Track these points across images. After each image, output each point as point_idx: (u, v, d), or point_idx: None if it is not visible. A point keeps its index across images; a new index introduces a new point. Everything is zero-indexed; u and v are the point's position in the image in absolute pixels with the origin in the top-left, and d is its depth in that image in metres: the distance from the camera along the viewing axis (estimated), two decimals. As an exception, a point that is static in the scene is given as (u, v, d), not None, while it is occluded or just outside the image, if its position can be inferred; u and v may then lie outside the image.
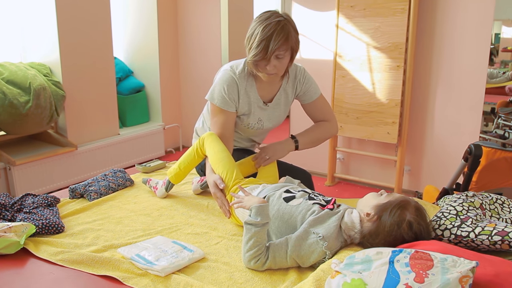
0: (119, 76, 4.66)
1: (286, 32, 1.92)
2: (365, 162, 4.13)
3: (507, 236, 1.46)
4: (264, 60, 1.95)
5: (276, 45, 1.90)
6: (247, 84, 2.13)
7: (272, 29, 1.90)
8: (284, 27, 1.91)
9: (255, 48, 1.93)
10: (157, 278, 1.53)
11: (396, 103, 3.60)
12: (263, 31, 1.90)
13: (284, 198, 1.74)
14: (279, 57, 1.95)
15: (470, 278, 1.14)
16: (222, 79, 2.11)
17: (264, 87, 2.17)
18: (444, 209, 1.70)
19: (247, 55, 2.01)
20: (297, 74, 2.23)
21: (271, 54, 1.92)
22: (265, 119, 2.24)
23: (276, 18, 1.92)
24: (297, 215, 1.66)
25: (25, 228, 1.78)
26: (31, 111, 3.42)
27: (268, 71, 1.99)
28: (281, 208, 1.71)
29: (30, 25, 3.88)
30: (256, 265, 1.56)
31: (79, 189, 2.30)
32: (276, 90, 2.21)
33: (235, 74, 2.10)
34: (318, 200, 1.72)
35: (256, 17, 1.98)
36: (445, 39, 3.51)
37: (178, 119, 5.26)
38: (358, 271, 1.24)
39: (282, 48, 1.93)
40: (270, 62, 1.96)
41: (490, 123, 3.72)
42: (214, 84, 2.15)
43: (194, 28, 4.91)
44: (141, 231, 1.91)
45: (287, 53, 1.97)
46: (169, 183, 2.28)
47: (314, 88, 2.28)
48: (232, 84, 2.09)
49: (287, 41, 1.93)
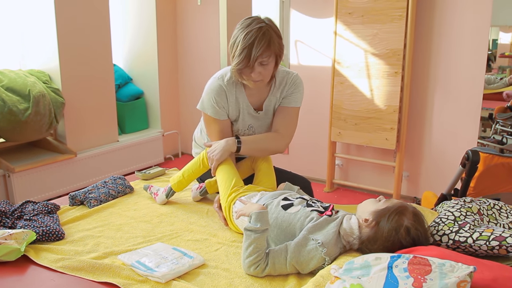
0: (118, 83, 4.67)
1: (268, 38, 1.90)
2: (363, 168, 4.14)
3: (505, 241, 1.47)
4: (248, 68, 1.94)
5: (258, 51, 1.88)
6: (237, 91, 2.12)
7: (253, 36, 1.88)
8: (265, 33, 1.90)
9: (237, 56, 1.92)
10: (157, 284, 1.53)
11: (394, 109, 3.61)
12: (245, 38, 1.89)
13: (282, 206, 1.75)
14: (263, 64, 1.94)
15: (468, 283, 1.15)
16: (210, 87, 2.12)
17: (253, 94, 2.16)
18: (442, 214, 1.71)
19: (231, 63, 1.99)
20: (288, 79, 2.18)
21: (254, 61, 1.90)
22: (256, 126, 2.23)
23: (258, 25, 1.91)
24: (295, 222, 1.67)
25: (26, 235, 1.79)
26: (31, 118, 3.43)
27: (254, 78, 1.98)
28: (280, 216, 1.71)
29: (30, 32, 3.90)
30: (256, 271, 1.57)
31: (79, 196, 2.31)
32: (265, 96, 2.19)
33: (223, 82, 2.10)
34: (316, 207, 1.73)
35: (238, 24, 1.97)
36: (443, 45, 3.54)
37: (177, 126, 5.27)
38: (357, 277, 1.25)
39: (265, 55, 1.91)
40: (254, 69, 1.94)
41: (488, 128, 3.73)
42: (204, 93, 2.15)
43: (193, 35, 4.93)
44: (141, 238, 1.91)
45: (271, 59, 1.96)
46: (171, 190, 2.28)
47: (297, 98, 2.20)
48: (220, 92, 2.09)
49: (269, 47, 1.91)
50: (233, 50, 1.95)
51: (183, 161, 5.09)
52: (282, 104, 2.21)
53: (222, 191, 2.02)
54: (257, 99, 2.18)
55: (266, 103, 2.19)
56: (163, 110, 5.00)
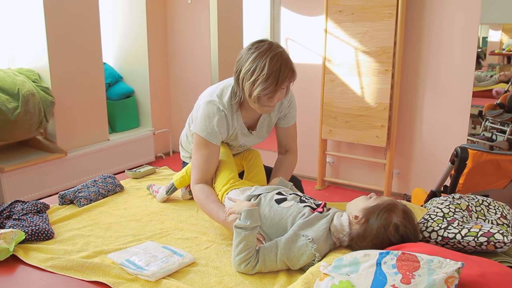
0: (109, 82, 4.65)
1: (290, 63, 1.86)
2: (354, 166, 4.15)
3: (493, 237, 1.48)
4: (272, 93, 1.86)
5: (285, 76, 1.83)
6: (234, 114, 2.03)
7: (279, 60, 1.81)
8: (288, 59, 1.86)
9: (264, 81, 1.80)
10: (147, 283, 1.53)
11: (385, 106, 3.63)
12: (271, 62, 1.80)
13: (275, 200, 1.76)
14: (282, 88, 1.88)
15: (456, 278, 1.16)
16: (211, 111, 1.97)
17: (247, 115, 2.08)
18: (431, 211, 1.72)
19: (251, 89, 1.84)
20: (284, 99, 2.13)
21: (280, 86, 1.84)
22: (247, 143, 2.19)
23: (278, 49, 1.84)
24: (287, 217, 1.68)
25: (15, 234, 1.77)
26: (20, 117, 3.41)
27: (272, 104, 1.91)
28: (272, 209, 1.72)
29: (19, 31, 3.87)
30: (246, 268, 1.57)
31: (68, 195, 2.30)
32: (258, 115, 2.12)
33: (224, 106, 1.98)
34: (309, 203, 1.73)
35: (251, 48, 1.86)
36: (433, 43, 3.56)
37: (168, 125, 5.26)
38: (346, 273, 1.26)
39: (288, 80, 1.87)
40: (275, 95, 1.87)
41: (478, 126, 3.76)
42: (202, 115, 1.98)
43: (184, 33, 4.92)
44: (131, 236, 1.91)
45: (289, 84, 1.92)
46: (172, 186, 2.28)
47: (294, 114, 2.21)
48: (222, 118, 1.98)
49: (293, 72, 1.88)
50: (257, 75, 1.81)
51: (174, 159, 5.07)
52: (282, 126, 2.23)
53: (218, 181, 2.01)
54: (251, 119, 2.12)
55: (260, 122, 2.14)
56: (154, 109, 4.99)
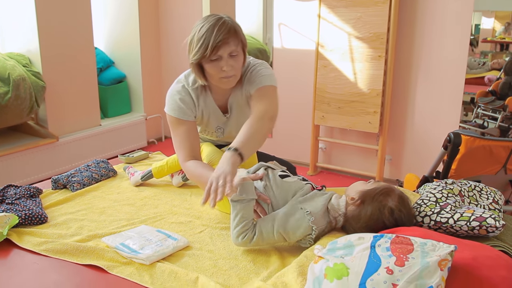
0: (100, 67, 4.61)
1: (229, 26, 1.77)
2: (347, 152, 4.17)
3: (485, 222, 1.50)
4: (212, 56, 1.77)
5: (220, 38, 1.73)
6: (202, 93, 1.99)
7: (216, 25, 1.74)
8: (226, 22, 1.77)
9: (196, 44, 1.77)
10: (142, 266, 1.54)
11: (378, 92, 3.63)
12: (206, 26, 1.76)
13: (279, 175, 1.77)
14: (233, 55, 1.80)
15: (448, 261, 1.18)
16: (175, 89, 2.00)
17: (218, 97, 2.01)
18: (424, 196, 1.74)
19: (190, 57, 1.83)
20: (248, 69, 1.99)
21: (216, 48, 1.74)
22: (224, 126, 2.09)
23: (221, 18, 1.78)
24: (290, 189, 1.70)
25: (8, 219, 1.77)
26: (11, 102, 3.37)
27: (227, 72, 1.81)
28: (276, 181, 1.73)
29: (8, 15, 3.81)
30: (244, 240, 1.59)
31: (61, 179, 2.29)
32: (228, 95, 2.03)
33: (188, 84, 1.98)
34: (310, 182, 1.76)
35: None
36: (426, 30, 3.56)
37: (160, 110, 5.22)
38: (340, 256, 1.26)
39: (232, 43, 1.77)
40: (223, 61, 1.78)
41: (470, 112, 3.79)
42: (168, 95, 2.03)
43: (176, 17, 4.87)
44: (125, 220, 1.91)
45: (239, 49, 1.82)
46: (149, 173, 2.28)
47: (260, 81, 1.95)
48: (186, 95, 1.98)
49: (236, 34, 1.79)
50: (190, 40, 1.81)
51: (166, 145, 5.06)
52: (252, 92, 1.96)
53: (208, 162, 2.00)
54: (222, 101, 2.04)
55: (230, 101, 2.03)
56: (146, 94, 4.95)
